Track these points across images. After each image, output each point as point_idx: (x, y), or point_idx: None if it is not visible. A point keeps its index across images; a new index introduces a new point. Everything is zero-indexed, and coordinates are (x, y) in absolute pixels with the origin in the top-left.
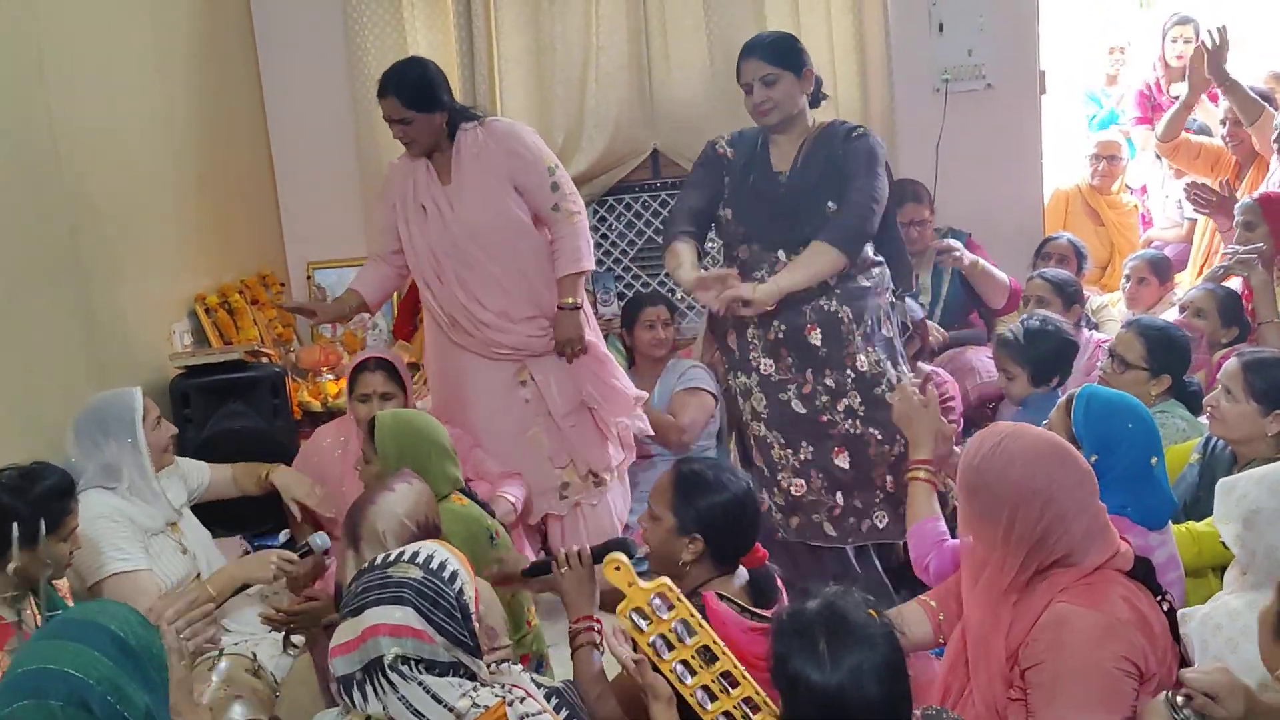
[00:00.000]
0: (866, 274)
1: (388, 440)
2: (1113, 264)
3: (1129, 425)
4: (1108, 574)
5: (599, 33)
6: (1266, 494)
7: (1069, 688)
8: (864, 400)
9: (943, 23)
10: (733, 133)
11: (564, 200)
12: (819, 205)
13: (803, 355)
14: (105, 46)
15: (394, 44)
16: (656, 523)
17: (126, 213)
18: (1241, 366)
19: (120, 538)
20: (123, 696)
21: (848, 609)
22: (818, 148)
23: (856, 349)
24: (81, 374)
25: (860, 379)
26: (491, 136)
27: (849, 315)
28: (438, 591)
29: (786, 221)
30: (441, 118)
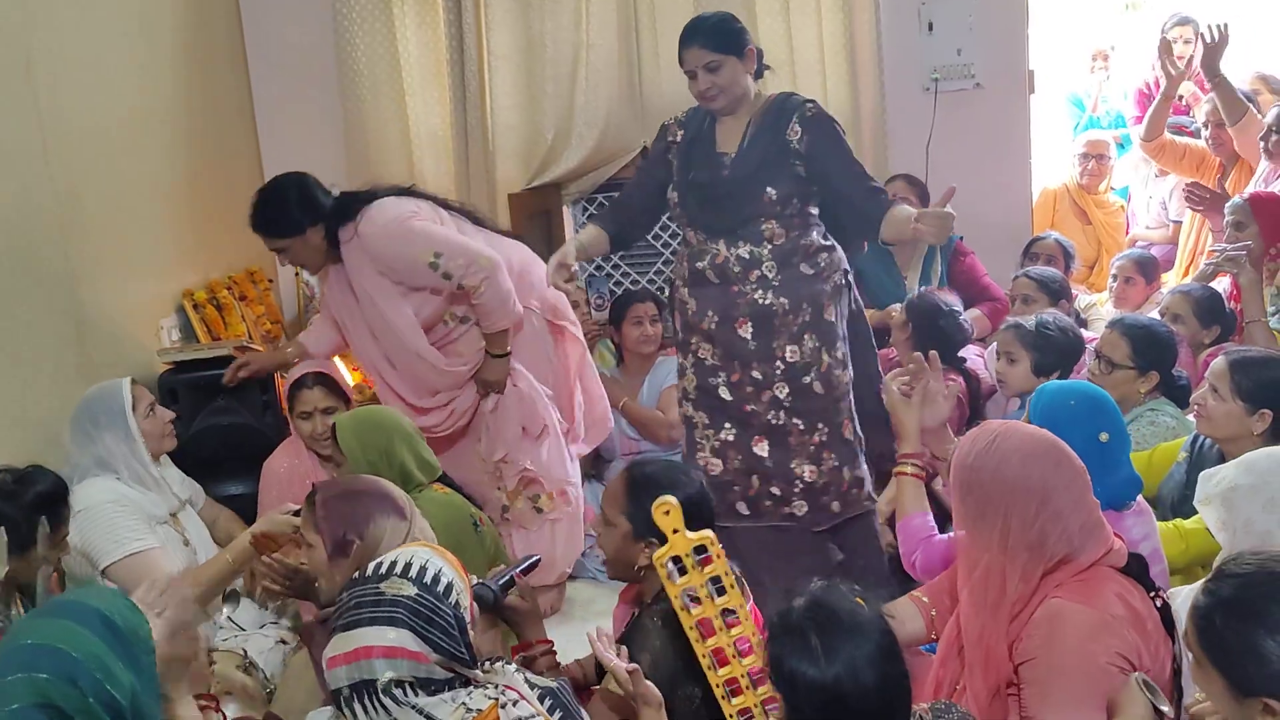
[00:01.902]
0: (811, 261)
1: (350, 439)
2: (1100, 263)
3: (1071, 403)
4: (1101, 570)
5: (589, 30)
6: (1243, 472)
7: (1062, 683)
8: (790, 391)
9: (932, 22)
10: (689, 110)
11: (464, 279)
12: (759, 191)
13: (733, 347)
14: (93, 44)
15: (383, 40)
16: (611, 528)
17: (115, 209)
18: (1228, 365)
19: (132, 520)
20: (110, 675)
21: (835, 601)
22: (763, 128)
23: (788, 340)
24: (71, 371)
25: (789, 369)
26: (361, 248)
27: (784, 306)
28: (433, 609)
29: (727, 207)
30: (316, 233)
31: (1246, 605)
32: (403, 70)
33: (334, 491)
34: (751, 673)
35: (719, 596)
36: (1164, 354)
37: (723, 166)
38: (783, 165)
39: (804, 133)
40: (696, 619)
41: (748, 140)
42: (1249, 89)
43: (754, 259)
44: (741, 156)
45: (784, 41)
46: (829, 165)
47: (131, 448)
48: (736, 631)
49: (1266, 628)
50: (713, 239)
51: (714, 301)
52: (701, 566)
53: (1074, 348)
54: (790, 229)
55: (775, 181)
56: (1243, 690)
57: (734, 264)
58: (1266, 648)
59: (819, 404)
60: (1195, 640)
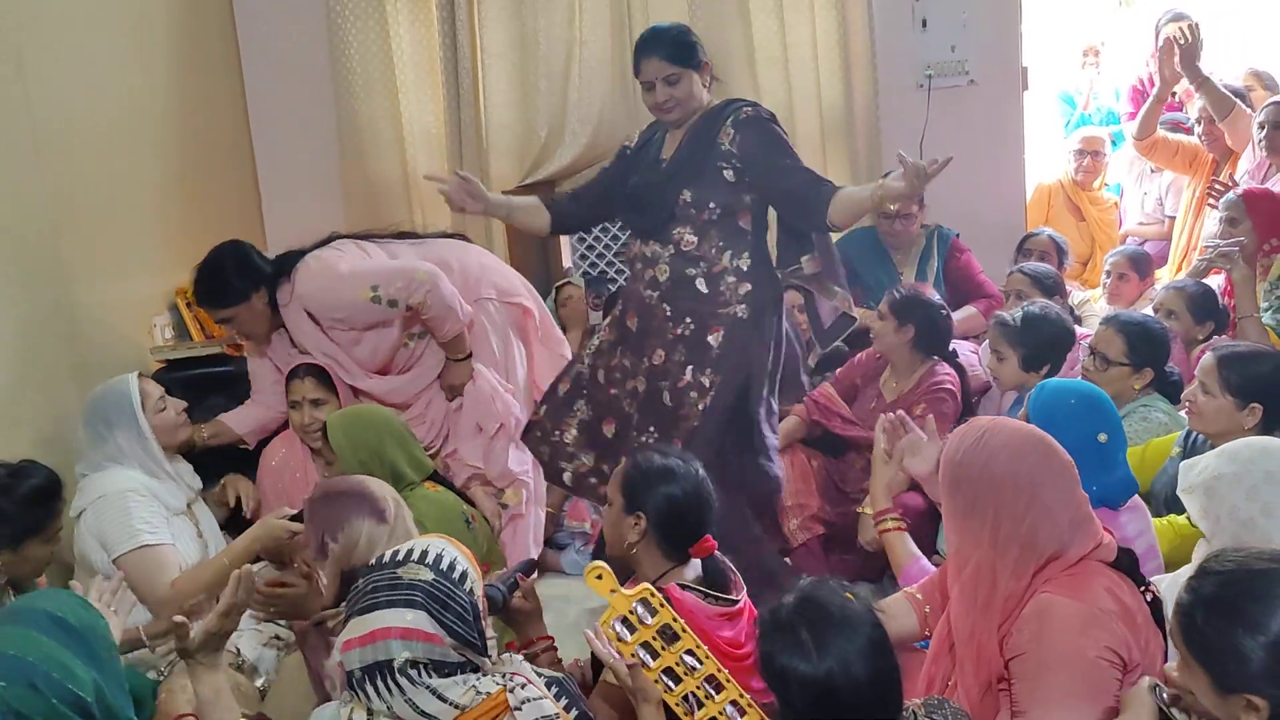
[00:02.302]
0: (710, 279)
1: (340, 438)
2: (1094, 259)
3: (1071, 402)
4: (1091, 565)
5: (582, 27)
6: (1225, 461)
7: (1052, 678)
8: (646, 391)
9: (926, 19)
10: (649, 125)
11: (408, 299)
12: (674, 194)
13: (621, 335)
14: (85, 42)
15: (376, 37)
16: (609, 507)
17: (107, 208)
18: (1216, 361)
19: (148, 511)
20: (68, 673)
21: (824, 596)
22: (697, 133)
23: (659, 344)
24: (63, 369)
25: (650, 370)
26: (304, 306)
27: (665, 311)
28: (449, 594)
29: (647, 208)
30: (260, 299)
31: (1227, 604)
32: (396, 68)
33: (318, 494)
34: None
35: (673, 643)
36: (1158, 350)
37: (656, 169)
38: (707, 169)
39: (736, 133)
40: (660, 669)
41: (683, 143)
42: (1242, 85)
43: (654, 257)
44: (674, 163)
45: (778, 38)
46: (764, 160)
47: (144, 446)
48: (701, 673)
49: (1245, 626)
50: (635, 237)
51: (625, 294)
52: (649, 619)
53: (1062, 339)
54: (702, 238)
55: (693, 184)
56: (1225, 687)
57: (638, 260)
58: (1246, 646)
59: (664, 415)
60: (1179, 637)
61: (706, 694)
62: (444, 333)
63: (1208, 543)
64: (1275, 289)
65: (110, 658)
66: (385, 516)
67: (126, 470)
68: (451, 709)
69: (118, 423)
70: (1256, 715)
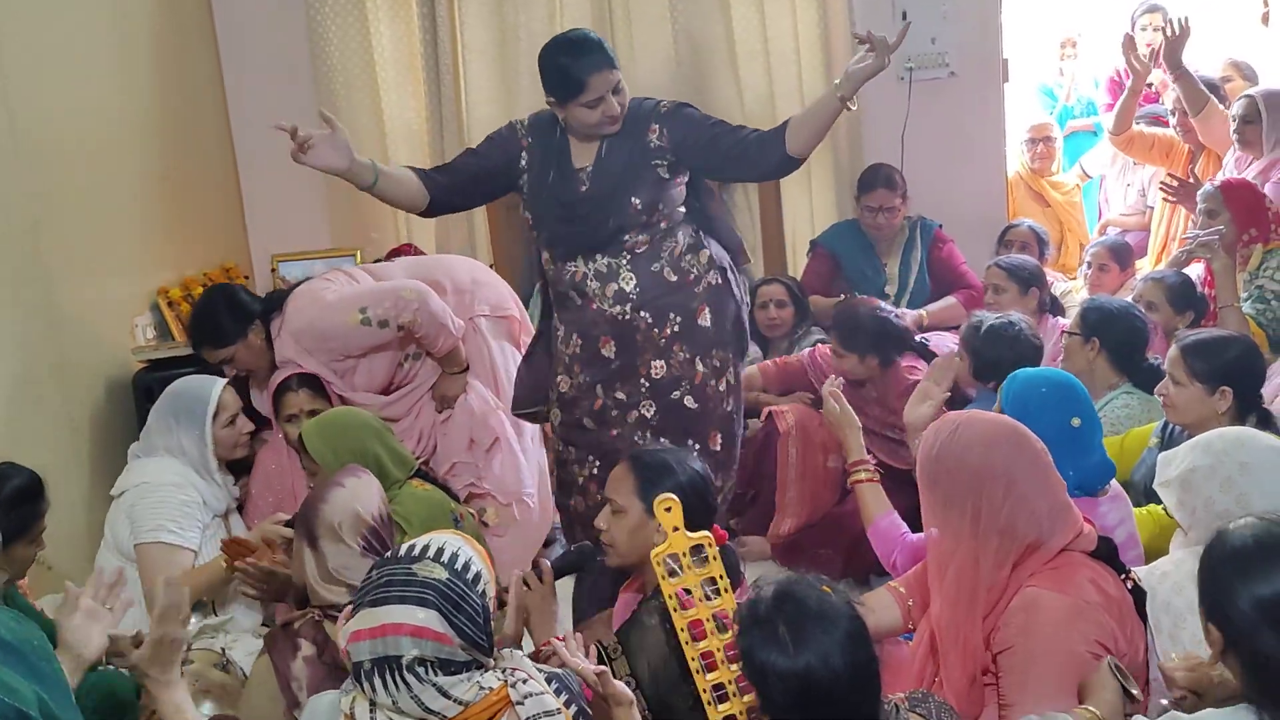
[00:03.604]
0: (675, 266)
1: (319, 445)
2: (1065, 243)
3: (1042, 390)
4: (1074, 557)
5: (563, 23)
6: (1200, 454)
7: (1040, 671)
8: (658, 409)
9: (906, 11)
10: (532, 116)
11: (398, 318)
12: (623, 202)
13: (596, 370)
14: (65, 40)
15: (357, 35)
16: (621, 515)
17: (87, 207)
18: (1180, 352)
19: (183, 511)
20: (10, 689)
21: (801, 590)
22: (618, 136)
23: (653, 355)
24: (44, 369)
25: (654, 386)
26: (297, 341)
27: (647, 320)
28: (461, 595)
29: (590, 224)
30: (256, 335)
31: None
32: (377, 65)
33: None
34: (739, 679)
35: (712, 599)
36: (1112, 326)
37: (580, 183)
38: (644, 169)
39: (662, 128)
40: (688, 620)
41: (605, 150)
42: (1221, 75)
43: (611, 271)
44: (600, 169)
45: (758, 32)
46: (696, 138)
47: (202, 451)
48: (727, 636)
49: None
50: (570, 258)
51: (575, 323)
52: (697, 567)
53: (1014, 359)
54: (653, 235)
55: (638, 189)
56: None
57: (591, 279)
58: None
59: (692, 420)
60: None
61: (723, 658)
62: (438, 349)
63: (1184, 534)
64: (1255, 279)
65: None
66: (315, 544)
67: (178, 464)
68: (456, 705)
69: (187, 423)
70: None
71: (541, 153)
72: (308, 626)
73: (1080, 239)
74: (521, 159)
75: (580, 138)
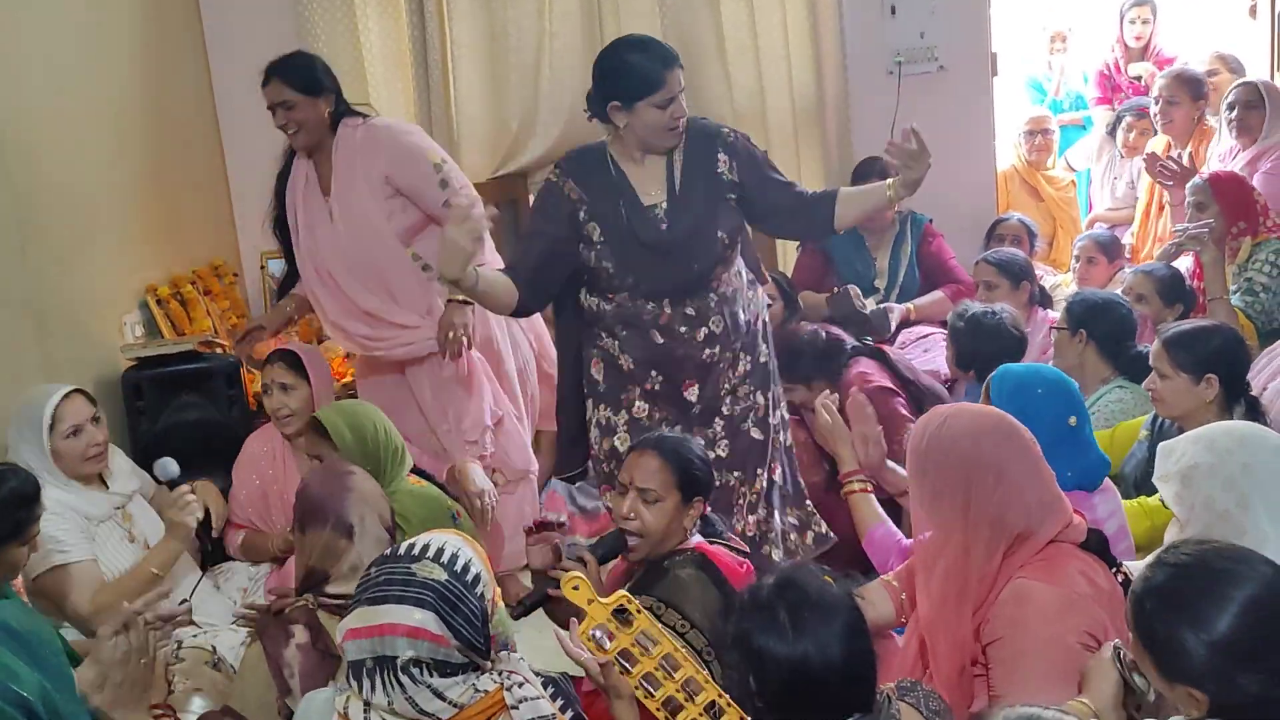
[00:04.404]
0: (744, 304)
1: (344, 431)
2: (1056, 239)
3: (1038, 391)
4: (1063, 548)
5: (552, 19)
6: (1203, 450)
7: (1030, 663)
8: (731, 446)
9: (895, 6)
10: (567, 162)
11: (455, 196)
12: (710, 240)
13: (678, 410)
14: (48, 37)
15: (345, 31)
16: (658, 504)
17: (75, 205)
18: (1163, 344)
19: (59, 530)
20: (13, 675)
21: (803, 578)
22: (690, 166)
23: (727, 392)
24: (32, 368)
25: (728, 423)
26: (370, 136)
27: (729, 359)
28: (460, 596)
29: (677, 266)
30: (326, 105)
31: (1176, 596)
32: (365, 61)
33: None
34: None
35: (652, 648)
36: (1098, 316)
37: (658, 222)
38: (721, 202)
39: (732, 159)
40: (639, 675)
41: (678, 185)
42: (1207, 69)
43: (701, 314)
44: (676, 205)
45: (747, 27)
46: (762, 182)
47: (44, 464)
48: (681, 675)
49: (1189, 622)
50: (654, 297)
51: (656, 361)
52: (625, 628)
53: (994, 350)
54: (727, 272)
55: (721, 223)
56: (1170, 677)
57: (677, 324)
58: (1189, 642)
59: (757, 450)
60: (1130, 621)
61: (686, 697)
62: None
63: (1180, 527)
64: (1244, 271)
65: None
66: (351, 535)
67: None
68: (450, 707)
69: (28, 437)
70: (1197, 708)
71: (603, 194)
72: (300, 613)
73: (1073, 234)
74: (580, 212)
75: (635, 162)
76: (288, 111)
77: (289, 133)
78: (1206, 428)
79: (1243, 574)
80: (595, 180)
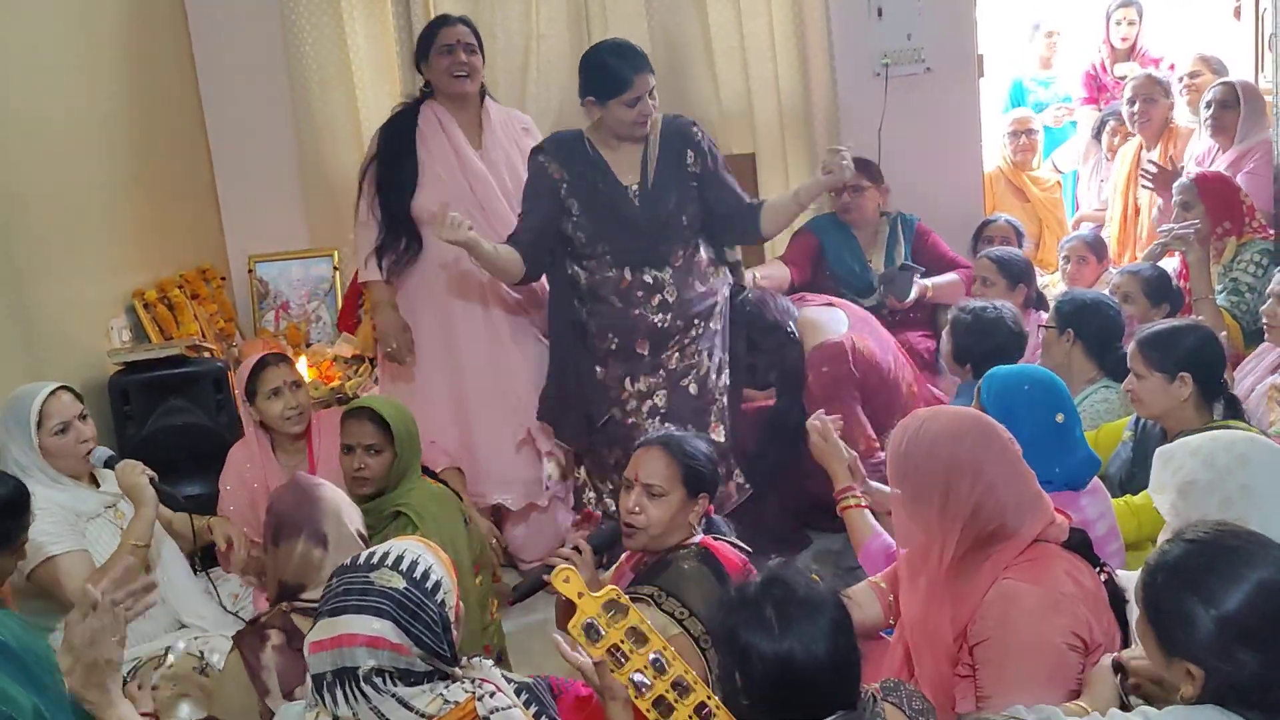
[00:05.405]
0: (703, 278)
1: (402, 424)
2: (1043, 240)
3: (1025, 388)
4: (1049, 549)
5: (539, 20)
6: (1201, 466)
7: (1017, 663)
8: (668, 397)
9: (881, 8)
10: (549, 146)
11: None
12: (676, 221)
13: (629, 364)
14: (33, 40)
15: (331, 33)
16: (663, 499)
17: (61, 209)
18: (1138, 345)
19: (47, 524)
20: (6, 698)
21: (790, 577)
22: (664, 155)
23: (675, 350)
24: (18, 372)
25: (670, 376)
26: (509, 114)
27: (679, 326)
28: (419, 604)
29: (643, 239)
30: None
31: (1188, 571)
32: (352, 63)
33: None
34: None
35: (641, 646)
36: (1086, 316)
37: (630, 199)
38: (688, 190)
39: (697, 156)
40: (629, 675)
41: (654, 170)
42: (1190, 70)
43: (657, 284)
44: (648, 188)
45: (734, 29)
46: (718, 184)
47: (34, 461)
48: (670, 676)
49: (1200, 596)
50: (618, 266)
51: (612, 324)
52: (616, 621)
53: (990, 348)
54: (686, 249)
55: (686, 208)
56: (1170, 651)
57: (636, 289)
58: (1197, 616)
59: (693, 406)
60: (1140, 593)
61: (675, 697)
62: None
63: (1171, 531)
64: (1229, 271)
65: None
66: (325, 544)
67: (29, 485)
68: (418, 717)
69: (16, 435)
70: (1192, 685)
71: (581, 173)
72: (275, 618)
73: (1059, 235)
74: (562, 187)
75: (612, 148)
76: (470, 55)
77: (460, 75)
78: (1205, 440)
79: (1259, 556)
80: (575, 162)
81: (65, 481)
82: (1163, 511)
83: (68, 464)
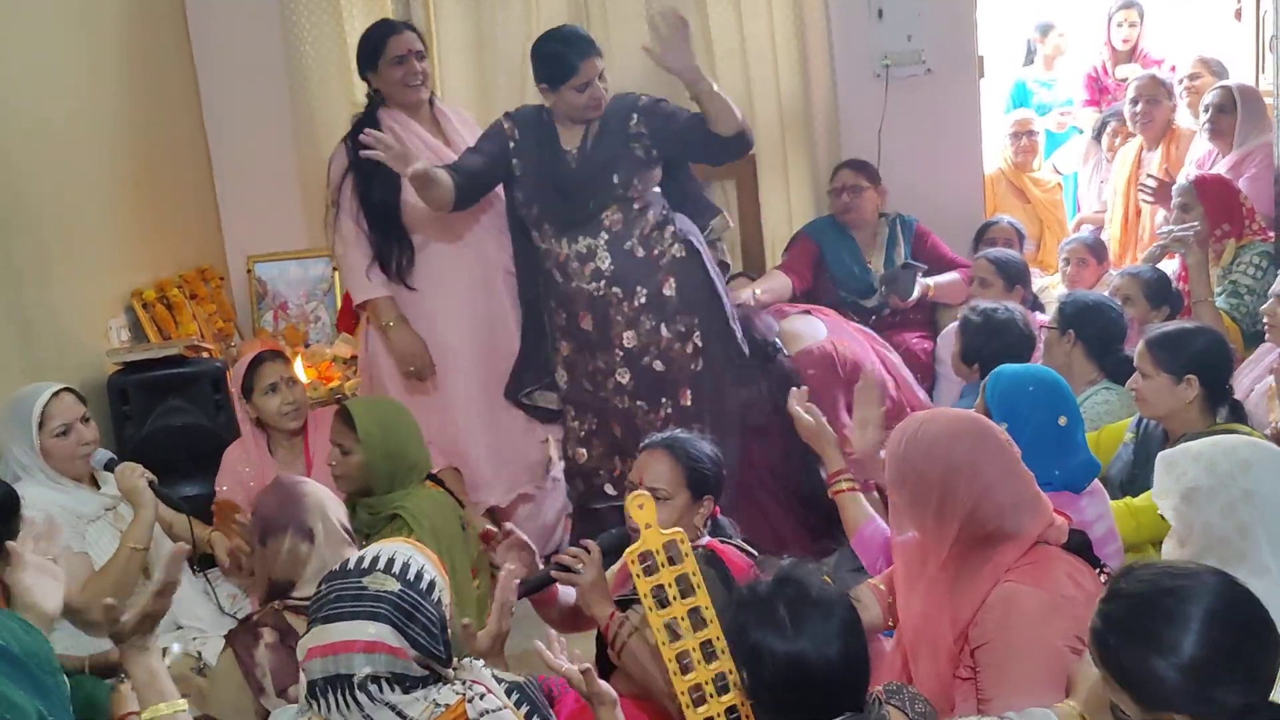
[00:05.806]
0: (644, 242)
1: (372, 426)
2: (1043, 241)
3: (1029, 389)
4: (1050, 551)
5: (539, 21)
6: (1204, 472)
7: (1018, 666)
8: (632, 375)
9: (882, 9)
10: (516, 113)
11: None
12: (605, 178)
13: (578, 340)
14: (32, 39)
15: (331, 33)
16: (668, 502)
17: (59, 208)
18: (1145, 345)
19: None
20: (10, 705)
21: (803, 577)
22: (605, 121)
23: (625, 326)
24: (17, 372)
25: (628, 355)
26: (457, 112)
27: (618, 295)
28: (415, 605)
29: (573, 200)
30: None
31: (1137, 628)
32: (352, 64)
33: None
34: (716, 678)
35: (685, 597)
36: (1088, 318)
37: (569, 162)
38: (624, 150)
39: (640, 117)
40: (664, 620)
41: (591, 134)
42: (1190, 72)
43: (589, 251)
44: (586, 149)
45: (735, 30)
46: (668, 129)
47: (35, 462)
48: (702, 634)
49: (1158, 650)
50: (556, 237)
51: (559, 299)
52: (670, 564)
53: (999, 348)
54: (627, 213)
55: (618, 167)
56: (1150, 706)
57: (571, 260)
58: (1162, 670)
59: (663, 383)
60: (1097, 659)
61: (699, 658)
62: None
63: (1179, 541)
64: (1228, 274)
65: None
66: (311, 538)
67: (30, 486)
68: None
69: (18, 436)
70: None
71: (531, 137)
72: (267, 616)
73: (1060, 236)
74: (510, 146)
75: (566, 124)
76: (421, 61)
77: (415, 84)
78: (1209, 445)
79: (1193, 589)
80: (529, 126)
81: (66, 483)
82: (1167, 515)
83: (68, 466)
